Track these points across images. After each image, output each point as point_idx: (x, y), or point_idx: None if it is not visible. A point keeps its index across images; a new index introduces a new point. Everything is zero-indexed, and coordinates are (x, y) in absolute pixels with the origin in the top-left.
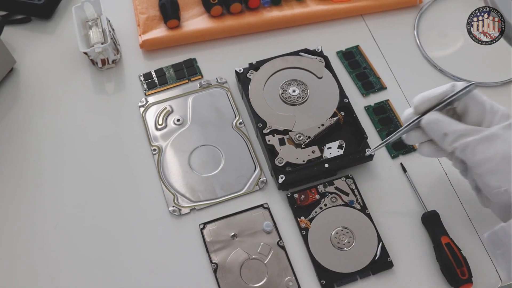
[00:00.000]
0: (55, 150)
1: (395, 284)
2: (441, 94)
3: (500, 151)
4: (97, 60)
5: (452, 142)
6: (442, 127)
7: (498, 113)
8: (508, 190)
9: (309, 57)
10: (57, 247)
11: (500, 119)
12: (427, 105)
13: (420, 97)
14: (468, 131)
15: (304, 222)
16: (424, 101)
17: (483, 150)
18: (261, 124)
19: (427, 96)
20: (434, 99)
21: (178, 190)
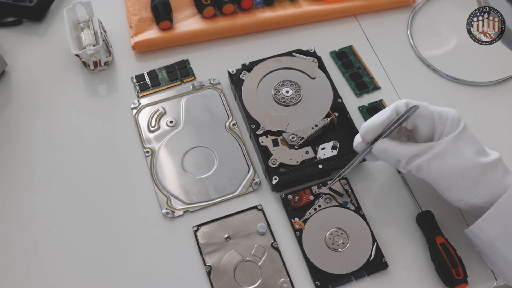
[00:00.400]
0: (48, 153)
1: (390, 284)
2: (385, 121)
3: (452, 167)
4: (89, 62)
5: (405, 165)
6: (392, 155)
7: (448, 121)
8: (469, 202)
9: (302, 57)
10: (50, 250)
11: (451, 127)
12: (373, 134)
13: (364, 127)
14: (418, 151)
15: (298, 223)
16: (369, 131)
17: (436, 168)
18: (254, 125)
19: (371, 126)
20: (378, 128)
21: (172, 192)
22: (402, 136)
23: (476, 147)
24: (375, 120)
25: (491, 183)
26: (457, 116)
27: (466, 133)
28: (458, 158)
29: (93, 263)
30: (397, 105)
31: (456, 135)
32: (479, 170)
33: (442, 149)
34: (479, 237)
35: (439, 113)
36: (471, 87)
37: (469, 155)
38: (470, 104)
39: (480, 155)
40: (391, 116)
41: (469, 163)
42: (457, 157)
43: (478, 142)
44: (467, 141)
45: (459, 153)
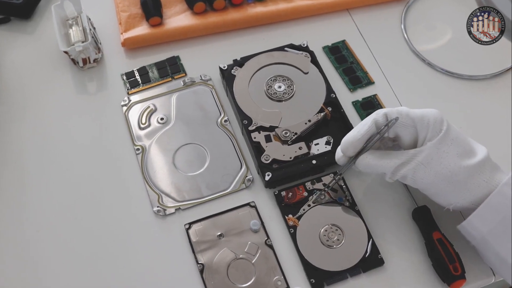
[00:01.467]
0: (37, 151)
1: (386, 281)
2: (365, 135)
3: (438, 173)
4: (78, 59)
5: (391, 176)
6: (376, 169)
7: (430, 125)
8: (457, 205)
9: (294, 52)
10: (40, 250)
11: (433, 131)
12: (353, 150)
13: (344, 142)
14: (402, 161)
15: (292, 220)
16: (348, 147)
17: (421, 177)
18: (247, 121)
19: (351, 141)
20: (358, 143)
21: (163, 190)
22: (387, 142)
23: (461, 149)
24: (354, 135)
25: (479, 185)
26: (439, 118)
27: (450, 135)
28: (443, 164)
29: (83, 263)
30: (376, 118)
31: (439, 140)
32: (465, 174)
33: (425, 157)
34: (471, 233)
35: (420, 117)
36: (467, 81)
37: (454, 160)
38: (466, 99)
39: (466, 157)
40: (370, 130)
41: (454, 168)
42: (442, 163)
43: (463, 142)
44: (451, 144)
45: (443, 158)
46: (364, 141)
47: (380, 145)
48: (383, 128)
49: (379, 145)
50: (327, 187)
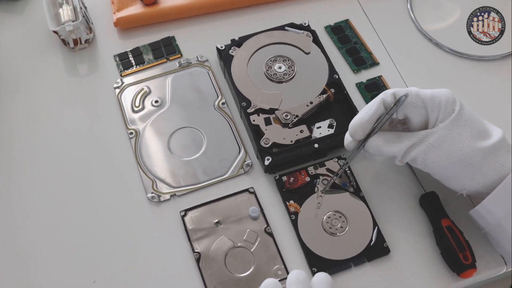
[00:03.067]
0: (26, 135)
1: (392, 271)
2: (373, 116)
3: (450, 156)
4: (68, 40)
5: (401, 159)
6: (386, 152)
7: (441, 105)
8: (471, 189)
9: (295, 31)
10: (28, 238)
11: (445, 112)
12: (362, 132)
13: (352, 125)
14: (412, 142)
15: (294, 206)
16: (357, 130)
17: (433, 160)
18: (245, 103)
19: (359, 123)
20: (367, 124)
21: (157, 175)
22: (397, 125)
23: (475, 130)
24: (362, 116)
25: (494, 168)
26: (451, 98)
27: (463, 115)
28: (456, 146)
29: (74, 251)
30: (384, 98)
31: (451, 121)
32: (479, 157)
33: (437, 138)
34: (485, 218)
35: (431, 97)
36: (476, 61)
37: (467, 141)
38: (475, 80)
39: (480, 138)
40: (378, 110)
41: (468, 150)
42: (454, 145)
43: (477, 123)
44: (465, 125)
45: (456, 140)
46: (373, 122)
47: (390, 128)
48: (392, 107)
49: (388, 128)
50: (336, 175)
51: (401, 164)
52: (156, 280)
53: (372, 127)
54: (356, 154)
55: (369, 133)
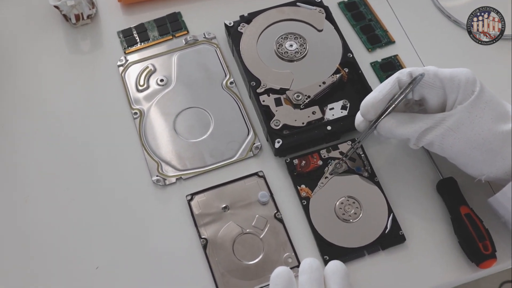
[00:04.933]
0: (26, 115)
1: (407, 260)
2: (387, 96)
3: (469, 140)
4: (70, 15)
5: (416, 142)
6: (399, 134)
7: (460, 86)
8: (490, 175)
9: (307, 7)
10: (28, 223)
11: (465, 93)
12: (374, 112)
13: (364, 104)
14: (429, 125)
15: (305, 191)
16: (369, 109)
17: (450, 144)
18: (255, 83)
19: (371, 102)
20: (380, 104)
21: (163, 158)
22: (412, 106)
23: (495, 113)
24: (375, 95)
25: None
26: (471, 78)
27: (483, 97)
28: (475, 129)
29: (76, 236)
30: (399, 76)
31: (471, 102)
32: (499, 141)
33: (455, 121)
34: (505, 206)
35: (450, 77)
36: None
37: (488, 125)
38: (495, 60)
39: (501, 122)
40: (393, 90)
41: (488, 134)
42: (473, 128)
43: (498, 105)
44: (485, 108)
45: (476, 123)
46: (386, 102)
47: (405, 109)
48: (407, 86)
49: (403, 110)
50: (345, 156)
51: (415, 148)
52: (161, 267)
53: (385, 107)
54: (367, 135)
55: (382, 114)
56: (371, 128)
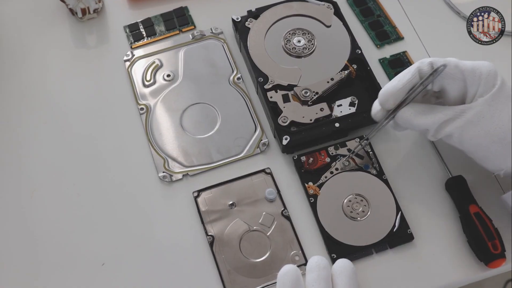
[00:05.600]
0: (31, 109)
1: (415, 259)
2: (407, 85)
3: (489, 133)
4: (76, 9)
5: (434, 134)
6: (417, 125)
7: (481, 79)
8: (508, 170)
9: (316, 3)
10: (34, 217)
11: (486, 86)
12: (393, 101)
13: (383, 93)
14: (448, 117)
15: (313, 188)
16: (388, 98)
17: (469, 136)
18: (262, 79)
19: (390, 91)
20: (399, 93)
21: (169, 154)
22: (430, 98)
23: None
24: (395, 84)
25: None
26: (492, 71)
27: (504, 91)
28: (495, 123)
29: (82, 232)
30: (420, 66)
31: (492, 96)
32: None
33: (475, 114)
34: None
35: (471, 69)
36: (508, 37)
37: (508, 118)
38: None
39: None
40: (413, 79)
41: (509, 128)
42: (494, 121)
43: None
44: (506, 101)
45: (496, 117)
46: (406, 92)
47: (422, 101)
48: (428, 77)
49: (421, 101)
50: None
51: (433, 139)
52: (167, 264)
53: (404, 97)
54: (384, 125)
55: (400, 103)
56: (389, 117)
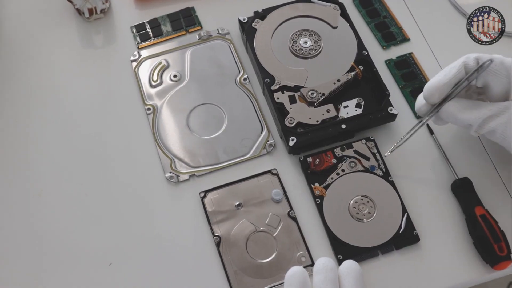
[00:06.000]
0: (38, 109)
1: (421, 260)
2: (452, 80)
3: None
4: (83, 9)
5: (477, 129)
6: (462, 120)
7: None
8: None
9: (322, 4)
10: (42, 217)
11: None
12: (439, 96)
13: (429, 87)
14: (492, 113)
15: (319, 189)
16: (434, 92)
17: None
18: (269, 80)
19: (436, 86)
20: (445, 88)
21: (176, 154)
22: (472, 94)
23: None
24: (440, 79)
25: None
26: None
27: None
28: None
29: (90, 232)
30: (466, 61)
31: None
32: None
33: None
34: None
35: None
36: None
37: None
38: None
39: None
40: (459, 74)
41: None
42: None
43: None
44: None
45: None
46: (452, 86)
47: (465, 97)
48: (474, 72)
49: (463, 96)
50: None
51: (476, 135)
52: (174, 264)
53: (449, 92)
54: (428, 119)
55: (445, 98)
56: (433, 111)
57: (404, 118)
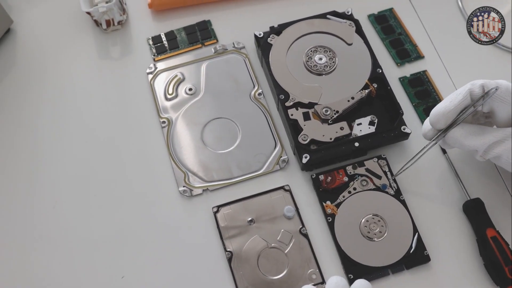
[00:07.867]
0: (55, 119)
1: (432, 280)
2: (458, 107)
3: None
4: (101, 21)
5: (483, 155)
6: (467, 145)
7: None
8: None
9: (337, 20)
10: (56, 228)
11: None
12: (445, 122)
13: (435, 113)
14: (497, 138)
15: (330, 207)
16: (440, 118)
17: None
18: (283, 96)
19: (442, 112)
20: (451, 114)
21: (190, 168)
22: (479, 118)
23: None
24: (446, 105)
25: None
26: None
27: None
28: None
29: (103, 244)
30: (472, 88)
31: None
32: None
33: None
34: None
35: None
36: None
37: None
38: None
39: None
40: (464, 101)
41: None
42: None
43: None
44: None
45: None
46: (457, 113)
47: (472, 120)
48: (479, 99)
49: (471, 120)
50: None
51: (482, 160)
52: (186, 278)
53: (455, 118)
54: (433, 144)
55: (451, 124)
56: (439, 137)
57: (417, 136)
